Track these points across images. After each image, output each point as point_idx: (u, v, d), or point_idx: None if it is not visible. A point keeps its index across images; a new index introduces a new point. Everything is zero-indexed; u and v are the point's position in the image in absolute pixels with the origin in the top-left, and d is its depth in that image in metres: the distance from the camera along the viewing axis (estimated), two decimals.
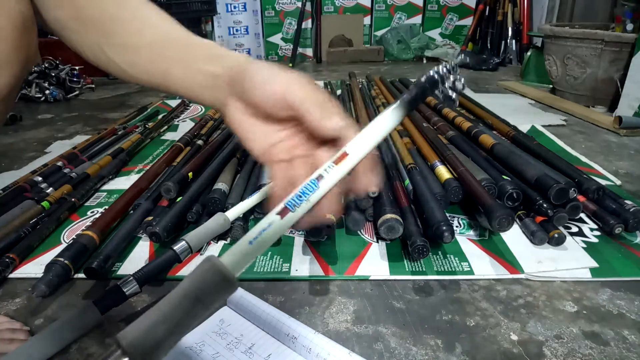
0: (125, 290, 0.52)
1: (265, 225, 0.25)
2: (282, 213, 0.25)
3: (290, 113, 0.29)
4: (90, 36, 0.35)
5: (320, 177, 0.26)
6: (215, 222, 0.51)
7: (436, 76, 0.27)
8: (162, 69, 0.35)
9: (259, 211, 0.74)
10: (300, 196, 0.26)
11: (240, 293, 0.54)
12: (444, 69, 0.27)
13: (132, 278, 0.53)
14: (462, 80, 0.28)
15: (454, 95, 0.27)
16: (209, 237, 0.53)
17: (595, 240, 0.68)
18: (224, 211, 0.72)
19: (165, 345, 0.21)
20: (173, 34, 0.35)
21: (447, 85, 0.27)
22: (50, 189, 0.86)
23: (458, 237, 0.69)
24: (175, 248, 0.53)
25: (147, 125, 1.28)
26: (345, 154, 0.27)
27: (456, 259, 0.64)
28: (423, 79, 0.27)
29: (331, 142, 0.29)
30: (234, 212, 0.48)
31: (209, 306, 0.23)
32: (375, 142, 0.27)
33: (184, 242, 0.52)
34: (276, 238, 0.26)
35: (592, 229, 0.71)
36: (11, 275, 0.63)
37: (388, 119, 0.27)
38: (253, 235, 0.25)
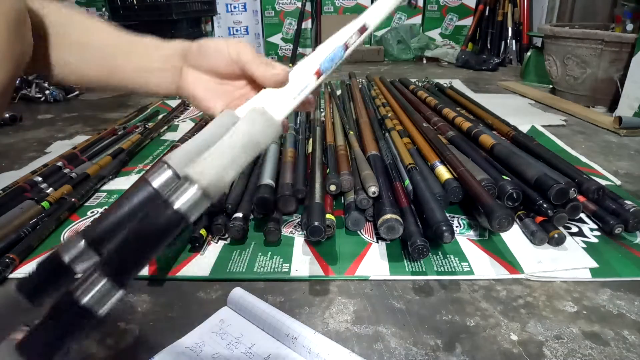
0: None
1: (304, 85, 0.32)
2: (317, 73, 0.32)
3: (241, 71, 0.36)
4: (57, 49, 0.39)
5: (346, 45, 0.32)
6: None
7: None
8: (110, 64, 0.40)
9: (258, 211, 0.74)
10: (332, 60, 0.32)
11: (240, 293, 0.54)
12: None
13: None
14: None
15: None
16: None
17: (595, 240, 0.68)
18: (224, 211, 0.72)
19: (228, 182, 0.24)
20: (119, 33, 0.41)
21: None
22: (50, 189, 0.86)
23: (458, 237, 0.69)
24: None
25: (147, 126, 1.28)
26: (365, 27, 0.32)
27: (456, 259, 0.64)
28: None
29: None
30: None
31: (262, 147, 0.27)
32: (387, 13, 0.34)
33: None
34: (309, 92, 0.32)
35: (592, 229, 0.71)
36: (11, 275, 0.63)
37: None
38: (296, 92, 0.32)
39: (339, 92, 1.56)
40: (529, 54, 1.93)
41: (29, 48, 0.37)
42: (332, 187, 0.74)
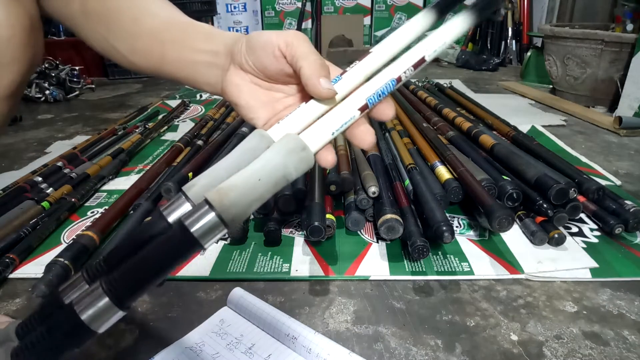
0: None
1: (348, 119, 0.28)
2: (362, 109, 0.29)
3: (291, 71, 0.31)
4: (95, 28, 0.38)
5: (399, 79, 0.29)
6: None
7: None
8: (159, 53, 0.37)
9: (258, 211, 0.74)
10: (380, 95, 0.29)
11: (240, 293, 0.54)
12: None
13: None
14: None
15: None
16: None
17: (595, 240, 0.68)
18: None
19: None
20: (171, 19, 0.37)
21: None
22: (50, 189, 0.86)
23: (458, 238, 0.69)
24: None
25: (147, 126, 1.28)
26: (423, 59, 0.29)
27: (456, 259, 0.64)
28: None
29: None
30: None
31: (290, 181, 0.25)
32: (448, 44, 0.30)
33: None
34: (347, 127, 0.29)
35: (592, 229, 0.71)
36: (11, 276, 0.63)
37: (457, 25, 0.29)
38: (336, 127, 0.28)
39: None
40: (529, 54, 1.93)
41: (41, 51, 0.39)
42: (332, 187, 0.74)
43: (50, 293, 0.20)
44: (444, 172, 0.77)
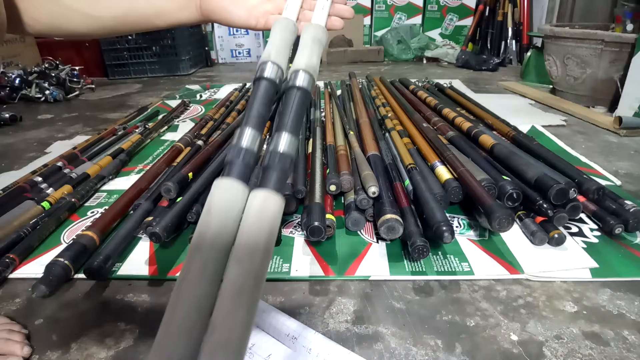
0: None
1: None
2: None
3: None
4: None
5: None
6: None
7: None
8: (125, 4, 0.41)
9: None
10: None
11: None
12: None
13: None
14: None
15: None
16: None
17: (595, 240, 0.68)
18: None
19: None
20: None
21: None
22: (50, 189, 0.86)
23: (458, 238, 0.69)
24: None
25: (147, 126, 1.28)
26: None
27: (456, 259, 0.64)
28: None
29: None
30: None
31: (323, 44, 0.37)
32: None
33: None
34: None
35: (592, 229, 0.71)
36: (11, 276, 0.63)
37: None
38: (320, 9, 0.42)
39: (339, 92, 1.56)
40: (529, 54, 1.93)
41: (5, 21, 0.38)
42: (332, 187, 0.74)
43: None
44: (443, 172, 0.77)
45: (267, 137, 1.07)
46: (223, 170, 0.26)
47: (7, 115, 1.44)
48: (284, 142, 0.28)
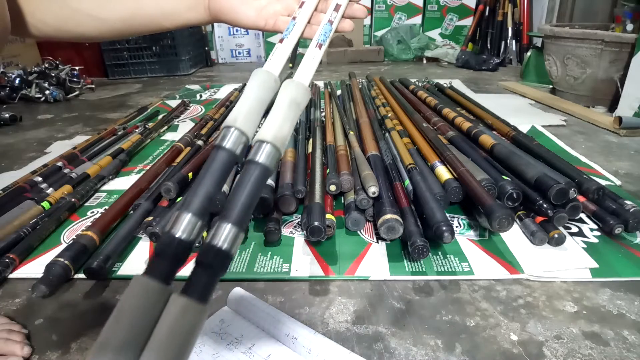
0: None
1: (312, 57, 0.38)
2: (319, 46, 0.39)
3: None
4: None
5: (330, 22, 0.40)
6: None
7: None
8: (133, 5, 0.41)
9: (258, 211, 0.74)
10: (325, 34, 0.39)
11: (240, 293, 0.54)
12: None
13: None
14: None
15: None
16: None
17: (595, 240, 0.68)
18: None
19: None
20: None
21: None
22: (50, 189, 0.86)
23: (458, 238, 0.69)
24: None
25: (147, 126, 1.28)
26: (339, 5, 0.41)
27: (456, 259, 0.64)
28: None
29: None
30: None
31: (302, 108, 0.32)
32: None
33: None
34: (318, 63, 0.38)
35: (592, 229, 0.71)
36: (11, 276, 0.63)
37: None
38: (309, 63, 0.37)
39: (339, 92, 1.56)
40: (529, 54, 1.93)
41: (9, 25, 0.38)
42: (332, 187, 0.74)
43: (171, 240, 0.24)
44: (443, 172, 0.77)
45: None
46: (151, 260, 0.24)
47: (7, 115, 1.44)
48: (225, 235, 0.24)
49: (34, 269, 0.64)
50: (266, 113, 0.31)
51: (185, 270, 0.24)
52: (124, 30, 0.43)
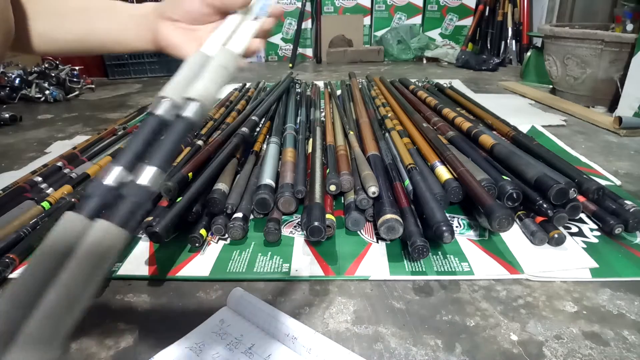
0: None
1: (247, 28, 0.41)
2: (256, 19, 0.41)
3: (212, 8, 0.41)
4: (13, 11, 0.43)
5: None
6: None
7: None
8: (86, 24, 0.45)
9: (258, 211, 0.74)
10: (262, 8, 0.42)
11: (240, 293, 0.54)
12: None
13: None
14: None
15: None
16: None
17: (595, 240, 0.68)
18: (224, 212, 0.72)
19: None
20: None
21: None
22: (50, 189, 0.86)
23: (458, 238, 0.69)
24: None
25: None
26: None
27: (456, 259, 0.64)
28: None
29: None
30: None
31: (231, 73, 0.36)
32: None
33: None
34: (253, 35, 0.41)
35: (592, 229, 0.71)
36: (11, 276, 0.63)
37: None
38: (240, 37, 0.40)
39: (339, 92, 1.56)
40: (529, 54, 1.93)
41: (13, 26, 0.41)
42: (332, 187, 0.74)
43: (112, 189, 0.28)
44: (443, 172, 0.77)
45: (267, 137, 1.07)
46: (80, 200, 0.28)
47: (7, 115, 1.44)
48: (149, 176, 0.28)
49: None
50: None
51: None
52: (80, 50, 0.48)
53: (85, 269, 0.23)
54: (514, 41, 2.40)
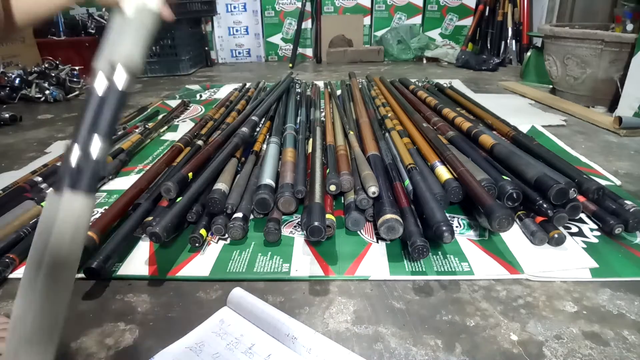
0: None
1: None
2: None
3: None
4: None
5: None
6: None
7: None
8: None
9: (258, 211, 0.74)
10: None
11: (240, 293, 0.54)
12: None
13: None
14: None
15: None
16: None
17: (595, 240, 0.68)
18: (224, 212, 0.72)
19: None
20: None
21: None
22: (50, 189, 0.86)
23: (458, 238, 0.69)
24: None
25: (147, 126, 1.28)
26: None
27: (456, 259, 0.64)
28: None
29: None
30: None
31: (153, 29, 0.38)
32: None
33: None
34: None
35: (592, 229, 0.71)
36: (11, 276, 0.63)
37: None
38: None
39: (339, 92, 1.56)
40: (529, 54, 1.93)
41: (1, 14, 0.45)
42: (332, 187, 0.74)
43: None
44: (443, 172, 0.77)
45: (267, 137, 1.07)
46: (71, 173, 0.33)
47: (7, 115, 1.44)
48: (97, 146, 0.34)
49: None
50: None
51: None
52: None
53: (63, 240, 0.31)
54: (514, 41, 2.39)
